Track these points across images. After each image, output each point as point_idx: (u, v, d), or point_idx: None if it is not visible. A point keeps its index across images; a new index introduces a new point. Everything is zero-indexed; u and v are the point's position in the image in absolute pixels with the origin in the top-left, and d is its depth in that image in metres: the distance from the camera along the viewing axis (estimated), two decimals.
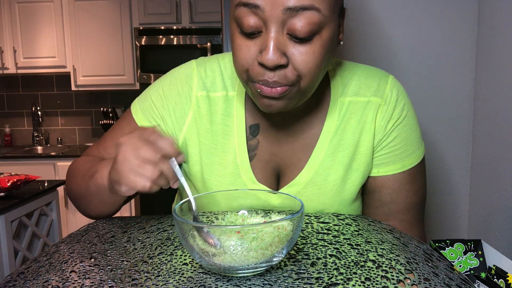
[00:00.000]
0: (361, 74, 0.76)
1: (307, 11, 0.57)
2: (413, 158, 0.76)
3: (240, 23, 0.60)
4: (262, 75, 0.60)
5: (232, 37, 0.63)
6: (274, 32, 0.58)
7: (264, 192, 0.69)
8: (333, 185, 0.74)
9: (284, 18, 0.57)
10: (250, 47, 0.60)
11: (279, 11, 0.57)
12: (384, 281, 0.48)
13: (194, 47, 3.21)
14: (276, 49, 0.58)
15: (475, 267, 0.92)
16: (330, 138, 0.74)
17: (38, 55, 3.37)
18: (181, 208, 0.55)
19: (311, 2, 0.57)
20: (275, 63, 0.58)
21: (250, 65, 0.61)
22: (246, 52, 0.61)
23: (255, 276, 0.50)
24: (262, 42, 0.59)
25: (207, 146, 0.75)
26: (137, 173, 0.58)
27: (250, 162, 0.74)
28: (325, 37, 0.60)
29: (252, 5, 0.58)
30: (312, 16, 0.57)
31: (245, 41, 0.61)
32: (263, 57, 0.58)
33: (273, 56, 0.57)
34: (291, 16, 0.57)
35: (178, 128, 0.76)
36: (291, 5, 0.56)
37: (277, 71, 0.59)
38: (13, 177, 1.75)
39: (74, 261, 0.55)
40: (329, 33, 0.60)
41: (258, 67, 0.60)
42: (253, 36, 0.60)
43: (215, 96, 0.75)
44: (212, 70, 0.76)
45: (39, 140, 3.70)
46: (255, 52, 0.60)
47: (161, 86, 0.77)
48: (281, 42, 0.58)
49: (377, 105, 0.74)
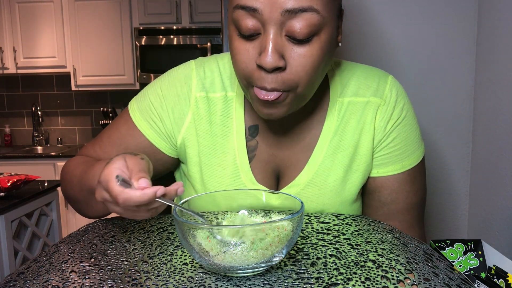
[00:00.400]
0: (360, 74, 0.76)
1: (306, 13, 0.56)
2: (413, 158, 0.76)
3: (238, 25, 0.60)
4: (261, 80, 0.60)
5: (231, 39, 0.63)
6: (273, 34, 0.57)
7: (264, 192, 0.69)
8: (333, 185, 0.74)
9: (283, 20, 0.57)
10: (249, 50, 0.60)
11: (277, 13, 0.56)
12: (384, 281, 0.48)
13: (194, 47, 3.21)
14: (274, 50, 0.57)
15: (475, 267, 0.92)
16: (329, 139, 0.74)
17: (38, 55, 3.37)
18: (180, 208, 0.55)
19: (309, 3, 0.56)
20: (273, 65, 0.57)
21: (250, 69, 0.61)
22: (245, 55, 0.60)
23: (255, 276, 0.50)
24: (261, 44, 0.59)
25: (206, 147, 0.75)
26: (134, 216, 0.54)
27: (249, 163, 0.74)
28: (323, 39, 0.60)
29: (250, 8, 0.57)
30: (311, 18, 0.57)
31: (244, 43, 0.60)
32: (262, 59, 0.58)
33: (272, 58, 0.57)
34: (289, 18, 0.57)
35: (177, 129, 0.75)
36: (290, 7, 0.56)
37: (274, 75, 0.59)
38: (13, 177, 1.75)
39: (74, 261, 0.55)
40: (328, 35, 0.60)
41: (256, 71, 0.60)
42: (252, 38, 0.60)
43: (214, 96, 0.75)
44: (211, 71, 0.76)
45: (39, 140, 3.70)
46: (254, 54, 0.60)
47: (160, 86, 0.77)
48: (279, 44, 0.58)
49: (377, 106, 0.74)
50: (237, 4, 0.59)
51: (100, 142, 0.79)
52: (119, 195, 0.50)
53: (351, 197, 0.75)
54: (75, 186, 0.73)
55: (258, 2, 0.56)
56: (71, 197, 0.77)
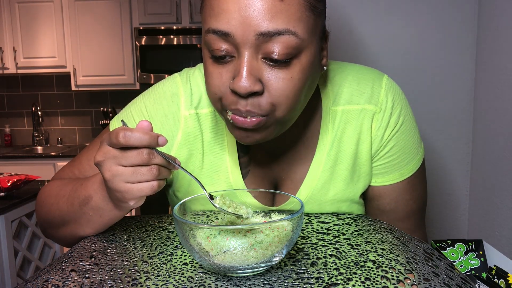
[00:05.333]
0: (352, 80, 0.71)
1: (282, 36, 0.53)
2: (411, 166, 0.73)
3: (210, 49, 0.56)
4: (234, 103, 0.56)
5: (204, 63, 0.59)
6: (247, 57, 0.54)
7: (264, 193, 0.69)
8: (333, 200, 0.71)
9: (258, 43, 0.53)
10: (222, 73, 0.56)
11: (251, 37, 0.53)
12: (384, 281, 0.48)
13: (194, 47, 3.20)
14: (249, 74, 0.53)
15: (476, 267, 0.92)
16: (327, 152, 0.70)
17: (38, 55, 3.37)
18: (181, 208, 0.55)
19: (285, 26, 0.53)
20: (248, 90, 0.53)
21: (223, 93, 0.57)
22: (218, 79, 0.57)
23: (255, 276, 0.50)
24: (235, 67, 0.55)
25: (198, 168, 0.72)
26: (136, 181, 0.52)
27: (244, 180, 0.71)
28: (304, 62, 0.56)
29: (221, 33, 0.54)
30: (288, 41, 0.53)
31: (217, 67, 0.57)
32: (235, 84, 0.54)
33: (246, 82, 0.53)
34: (265, 41, 0.53)
35: (166, 151, 0.70)
36: (264, 31, 0.52)
37: (250, 99, 0.55)
38: (13, 177, 1.75)
39: (74, 260, 0.55)
40: (309, 58, 0.56)
41: (231, 95, 0.56)
42: (226, 62, 0.56)
43: (202, 113, 0.71)
44: (197, 86, 0.72)
45: (39, 140, 3.70)
46: (228, 78, 0.56)
47: (144, 106, 0.72)
48: (255, 67, 0.54)
49: (372, 113, 0.70)
50: (208, 28, 0.55)
51: (79, 165, 0.74)
52: (121, 131, 0.50)
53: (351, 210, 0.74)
54: (62, 205, 0.66)
55: (230, 25, 0.53)
56: (54, 220, 0.68)
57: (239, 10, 0.52)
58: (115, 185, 0.53)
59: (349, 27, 1.33)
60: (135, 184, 0.52)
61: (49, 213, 0.68)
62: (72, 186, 0.66)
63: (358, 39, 1.33)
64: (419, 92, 1.34)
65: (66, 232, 0.67)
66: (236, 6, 0.52)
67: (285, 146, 0.71)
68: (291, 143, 0.71)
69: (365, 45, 1.34)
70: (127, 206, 0.56)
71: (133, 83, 3.37)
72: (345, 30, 1.33)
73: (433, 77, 1.33)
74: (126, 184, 0.52)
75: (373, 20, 1.32)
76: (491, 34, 1.22)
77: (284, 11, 0.52)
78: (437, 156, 1.38)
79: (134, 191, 0.52)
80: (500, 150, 1.18)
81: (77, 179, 0.69)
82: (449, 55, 1.32)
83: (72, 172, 0.74)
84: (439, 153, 1.38)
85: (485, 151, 1.27)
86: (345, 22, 1.33)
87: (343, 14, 1.33)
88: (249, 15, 0.52)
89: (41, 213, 0.71)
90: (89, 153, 0.73)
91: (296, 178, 0.71)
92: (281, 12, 0.52)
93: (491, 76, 1.22)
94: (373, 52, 1.33)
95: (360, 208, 0.76)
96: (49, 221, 0.69)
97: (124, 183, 0.52)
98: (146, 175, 0.52)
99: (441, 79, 1.33)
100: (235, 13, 0.53)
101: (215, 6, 0.54)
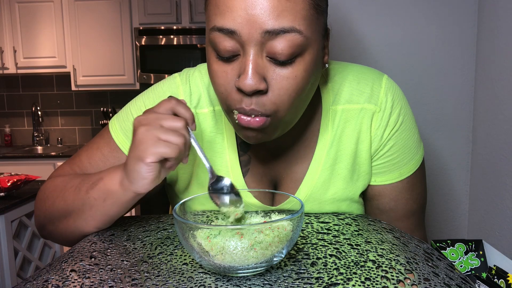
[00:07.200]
0: (353, 79, 0.72)
1: (288, 34, 0.53)
2: (411, 165, 0.73)
3: (215, 48, 0.56)
4: (239, 102, 0.56)
5: (209, 62, 0.59)
6: (253, 55, 0.54)
7: (264, 192, 0.69)
8: (332, 199, 0.72)
9: (263, 41, 0.53)
10: (227, 72, 0.57)
11: (257, 34, 0.53)
12: (384, 281, 0.48)
13: (194, 47, 3.20)
14: (254, 72, 0.54)
15: (476, 267, 0.92)
16: (326, 151, 0.71)
17: (38, 55, 3.37)
18: (181, 208, 0.55)
19: (291, 23, 0.53)
20: (253, 88, 0.54)
21: (229, 92, 0.57)
22: (224, 77, 0.57)
23: (255, 276, 0.50)
24: (240, 66, 0.56)
25: (198, 167, 0.72)
26: (165, 139, 0.54)
27: (244, 178, 0.71)
28: (308, 60, 0.56)
29: (227, 30, 0.54)
30: (293, 39, 0.53)
31: (222, 66, 0.57)
32: (241, 82, 0.54)
33: (252, 80, 0.54)
34: (270, 39, 0.53)
35: None
36: (270, 28, 0.52)
37: (255, 98, 0.56)
38: (13, 177, 1.75)
39: (74, 260, 0.55)
40: (312, 56, 0.57)
41: (236, 93, 0.57)
42: (231, 60, 0.56)
43: (202, 112, 0.72)
44: (196, 86, 0.73)
45: (39, 140, 3.70)
46: (233, 76, 0.56)
47: (144, 105, 0.72)
48: (260, 65, 0.55)
49: (372, 113, 0.70)
50: (213, 26, 0.55)
51: (79, 162, 0.73)
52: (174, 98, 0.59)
53: (350, 210, 0.74)
54: (68, 195, 0.65)
55: (236, 23, 0.53)
56: (56, 213, 0.67)
57: (245, 8, 0.53)
58: (145, 135, 0.54)
59: (349, 27, 1.33)
60: (162, 141, 0.54)
61: (52, 206, 0.67)
62: (84, 177, 0.66)
63: (358, 39, 1.33)
64: (419, 92, 1.34)
65: (66, 226, 0.66)
66: (242, 4, 0.53)
67: (285, 144, 0.71)
68: (291, 142, 0.71)
69: (365, 45, 1.34)
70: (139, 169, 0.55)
71: (133, 83, 3.37)
72: (345, 30, 1.33)
73: (433, 77, 1.33)
74: (155, 136, 0.54)
75: (373, 20, 1.32)
76: (491, 34, 1.22)
77: (289, 9, 0.53)
78: (437, 156, 1.38)
79: (159, 146, 0.54)
80: (500, 150, 1.18)
81: (88, 174, 0.68)
82: (449, 55, 1.32)
83: (73, 170, 0.73)
84: (439, 153, 1.38)
85: (485, 151, 1.27)
86: (345, 22, 1.33)
87: (343, 14, 1.33)
88: (255, 13, 0.52)
89: (43, 208, 0.70)
90: (88, 151, 0.73)
91: (296, 177, 0.72)
92: (286, 10, 0.53)
93: (491, 76, 1.22)
94: (373, 52, 1.33)
95: (360, 207, 0.76)
96: (51, 215, 0.68)
97: (154, 135, 0.54)
98: (175, 138, 0.54)
99: (441, 79, 1.33)
100: (241, 10, 0.53)
101: (220, 3, 0.54)
